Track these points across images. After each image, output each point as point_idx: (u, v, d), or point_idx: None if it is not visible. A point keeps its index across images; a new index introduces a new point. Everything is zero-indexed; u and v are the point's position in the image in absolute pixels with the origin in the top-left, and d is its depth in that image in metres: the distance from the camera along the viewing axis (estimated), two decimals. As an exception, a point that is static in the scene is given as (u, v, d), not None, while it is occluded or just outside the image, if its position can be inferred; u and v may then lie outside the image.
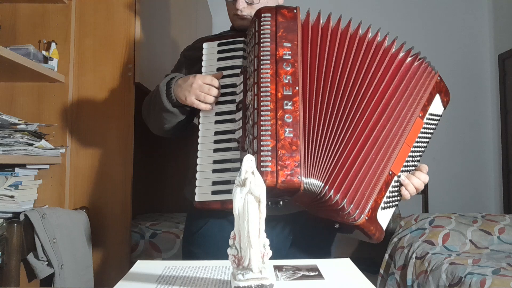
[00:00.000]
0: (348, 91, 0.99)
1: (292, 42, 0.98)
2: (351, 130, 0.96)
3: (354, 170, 0.94)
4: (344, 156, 0.94)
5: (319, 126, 0.95)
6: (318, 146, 0.94)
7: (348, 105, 0.98)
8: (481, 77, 4.34)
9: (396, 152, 0.99)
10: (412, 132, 1.02)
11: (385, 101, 1.00)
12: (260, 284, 0.64)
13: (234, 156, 1.02)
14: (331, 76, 0.99)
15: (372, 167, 0.96)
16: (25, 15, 1.84)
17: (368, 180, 0.95)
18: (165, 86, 1.11)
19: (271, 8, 1.02)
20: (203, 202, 1.01)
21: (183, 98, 1.06)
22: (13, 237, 1.35)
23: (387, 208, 0.99)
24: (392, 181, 0.99)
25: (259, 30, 0.99)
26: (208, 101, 1.05)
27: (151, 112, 1.19)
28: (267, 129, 0.91)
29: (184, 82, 1.07)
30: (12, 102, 1.80)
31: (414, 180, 1.02)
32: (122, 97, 1.84)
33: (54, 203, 1.77)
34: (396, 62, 1.04)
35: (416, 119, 1.04)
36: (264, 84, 0.94)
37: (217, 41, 1.12)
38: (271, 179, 0.87)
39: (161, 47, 2.26)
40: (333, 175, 0.92)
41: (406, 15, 4.20)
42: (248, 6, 1.14)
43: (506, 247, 2.50)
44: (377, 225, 0.96)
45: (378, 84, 1.01)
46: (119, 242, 1.82)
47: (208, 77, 1.05)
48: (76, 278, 1.59)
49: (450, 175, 4.19)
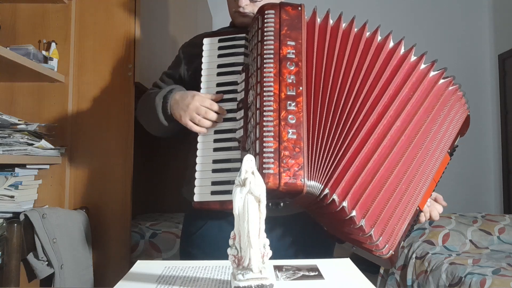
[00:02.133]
0: (355, 95, 0.94)
1: (296, 41, 0.96)
2: (359, 139, 0.91)
3: (375, 190, 0.89)
4: (356, 168, 0.89)
5: (324, 128, 0.92)
6: (323, 148, 0.91)
7: (354, 110, 0.93)
8: (481, 77, 4.34)
9: (425, 188, 0.96)
10: (440, 168, 0.99)
11: (414, 121, 0.95)
12: (260, 284, 0.64)
13: (234, 155, 0.99)
14: (341, 78, 0.95)
15: (403, 199, 0.91)
16: (25, 15, 1.84)
17: (398, 215, 0.90)
18: (162, 99, 1.08)
19: (275, 4, 0.99)
20: (202, 202, 0.99)
21: (178, 116, 1.04)
22: (13, 237, 1.35)
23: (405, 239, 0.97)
24: (415, 216, 0.97)
25: (263, 27, 0.97)
26: (203, 125, 1.02)
27: (144, 117, 1.17)
28: (270, 130, 0.89)
29: (181, 100, 1.04)
30: (12, 102, 1.80)
31: (434, 212, 1.04)
32: (122, 97, 1.84)
33: (54, 203, 1.77)
34: (422, 78, 0.98)
35: (445, 154, 1.00)
36: (267, 84, 0.92)
37: (218, 37, 1.09)
38: (273, 181, 0.85)
39: (161, 47, 2.26)
40: (344, 184, 0.88)
41: (406, 15, 4.20)
42: (251, 3, 1.12)
43: (506, 247, 2.50)
44: (396, 255, 0.93)
45: (394, 94, 0.95)
46: (119, 242, 1.82)
47: (207, 101, 1.02)
48: (76, 278, 1.59)
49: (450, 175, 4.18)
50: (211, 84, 1.07)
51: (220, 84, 1.06)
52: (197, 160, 1.03)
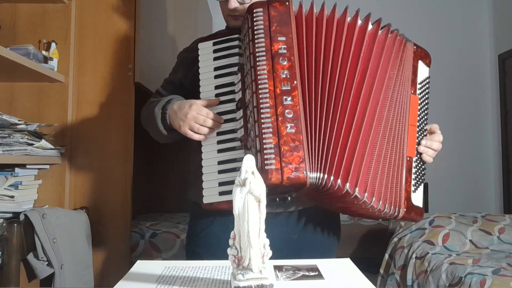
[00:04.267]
0: (337, 78, 0.98)
1: (287, 36, 0.97)
2: (346, 120, 0.95)
3: (368, 162, 0.95)
4: (349, 148, 0.94)
5: (321, 118, 0.95)
6: (322, 138, 0.94)
7: (341, 93, 0.97)
8: (481, 77, 4.35)
9: (406, 137, 1.02)
10: (412, 112, 1.04)
11: (377, 85, 0.99)
12: (260, 284, 0.64)
13: (238, 155, 1.00)
14: (330, 66, 0.98)
15: (388, 159, 0.98)
16: (25, 15, 1.84)
17: (391, 174, 0.98)
18: (161, 110, 1.09)
19: (263, 2, 1.00)
20: (212, 203, 1.01)
21: (177, 126, 1.05)
22: (13, 237, 1.35)
23: (418, 188, 1.03)
24: (413, 164, 1.02)
25: (252, 26, 0.98)
26: (202, 132, 1.03)
27: (148, 127, 1.19)
28: (268, 126, 0.90)
29: (179, 110, 1.05)
30: (12, 102, 1.80)
31: (433, 145, 1.07)
32: (122, 97, 1.84)
33: (54, 203, 1.77)
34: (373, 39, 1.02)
35: (411, 96, 1.05)
36: (261, 81, 0.93)
37: (212, 41, 1.10)
38: (276, 176, 0.87)
39: (161, 47, 2.26)
40: (343, 167, 0.93)
41: (407, 15, 4.20)
42: (241, 6, 1.13)
43: (506, 247, 2.50)
44: (415, 209, 1.01)
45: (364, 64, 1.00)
46: (119, 242, 1.82)
47: (204, 109, 1.03)
48: (76, 278, 1.59)
49: (450, 175, 4.19)
50: (209, 87, 1.08)
51: (218, 86, 1.07)
52: (202, 163, 1.04)
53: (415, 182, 1.03)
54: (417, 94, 1.07)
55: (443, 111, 4.25)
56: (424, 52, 1.12)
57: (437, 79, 4.51)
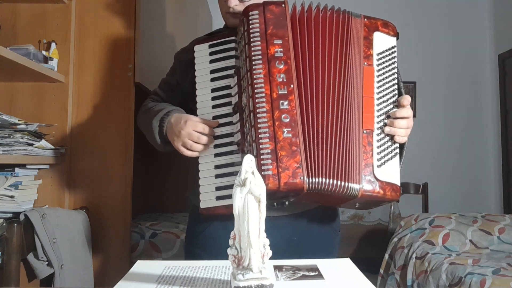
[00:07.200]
0: (326, 80, 0.97)
1: (283, 38, 0.96)
2: (333, 120, 0.95)
3: (348, 153, 0.94)
4: (340, 147, 0.94)
5: (317, 121, 0.94)
6: (319, 142, 0.92)
7: (329, 96, 0.96)
8: (481, 77, 4.35)
9: (358, 110, 0.96)
10: (366, 83, 0.98)
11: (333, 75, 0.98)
12: (260, 284, 0.64)
13: (235, 159, 0.99)
14: (320, 66, 0.97)
15: (347, 139, 0.94)
16: (25, 15, 1.84)
17: (353, 153, 0.94)
18: (158, 122, 1.08)
19: (259, 4, 0.99)
20: (209, 208, 1.00)
21: (172, 141, 1.05)
22: (13, 237, 1.35)
23: (386, 163, 0.96)
24: (374, 137, 0.97)
25: (248, 29, 0.97)
26: (195, 149, 1.01)
27: (145, 133, 1.18)
28: (265, 131, 0.89)
29: (175, 125, 1.03)
30: (12, 102, 1.80)
31: (399, 123, 0.98)
32: (122, 97, 1.84)
33: (54, 203, 1.77)
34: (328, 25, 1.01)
35: (364, 68, 0.99)
36: (258, 86, 0.92)
37: (208, 43, 1.09)
38: (273, 182, 0.86)
39: (161, 47, 2.26)
40: (337, 167, 0.92)
41: (407, 15, 4.21)
42: (240, 4, 1.11)
43: (506, 247, 2.50)
44: (383, 184, 0.93)
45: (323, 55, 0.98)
46: (119, 242, 1.82)
47: (200, 125, 1.01)
48: (76, 278, 1.59)
49: (450, 175, 4.19)
50: (205, 90, 1.07)
51: (215, 89, 1.05)
52: (199, 167, 1.03)
53: (380, 156, 0.96)
54: (376, 65, 1.00)
55: (443, 111, 4.25)
56: (380, 22, 1.05)
57: (437, 79, 4.52)
